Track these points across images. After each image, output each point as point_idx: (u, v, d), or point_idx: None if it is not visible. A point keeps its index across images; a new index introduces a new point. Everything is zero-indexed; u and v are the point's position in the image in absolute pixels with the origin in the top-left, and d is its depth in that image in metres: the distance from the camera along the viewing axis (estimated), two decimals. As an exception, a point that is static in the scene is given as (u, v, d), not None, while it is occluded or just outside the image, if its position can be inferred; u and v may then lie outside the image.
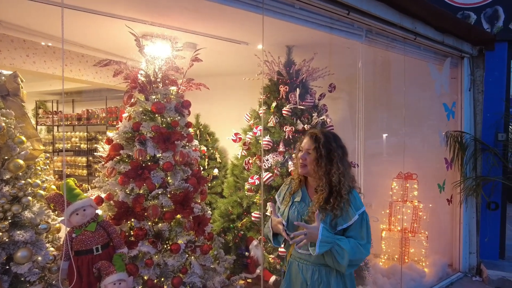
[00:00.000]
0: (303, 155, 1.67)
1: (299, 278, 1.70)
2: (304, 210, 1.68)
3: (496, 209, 4.31)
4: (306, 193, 1.74)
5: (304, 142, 1.71)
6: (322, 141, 1.65)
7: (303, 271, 1.69)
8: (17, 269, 1.77)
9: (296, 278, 1.72)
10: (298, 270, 1.71)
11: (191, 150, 2.65)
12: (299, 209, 1.69)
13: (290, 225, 1.68)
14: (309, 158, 1.66)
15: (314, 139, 1.66)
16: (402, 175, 4.26)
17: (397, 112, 4.12)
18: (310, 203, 1.68)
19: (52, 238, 2.11)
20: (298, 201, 1.72)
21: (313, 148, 1.65)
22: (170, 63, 2.57)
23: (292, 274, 1.75)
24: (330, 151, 1.63)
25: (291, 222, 1.68)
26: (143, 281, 2.30)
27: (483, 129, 4.34)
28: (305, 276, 1.68)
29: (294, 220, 1.66)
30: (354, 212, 1.62)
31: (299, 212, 1.68)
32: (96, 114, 6.18)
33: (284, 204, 1.76)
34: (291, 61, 3.46)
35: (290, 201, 1.74)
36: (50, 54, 3.66)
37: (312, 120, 3.30)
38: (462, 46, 4.12)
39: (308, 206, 1.68)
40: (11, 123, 1.94)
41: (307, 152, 1.67)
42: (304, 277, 1.68)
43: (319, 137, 1.67)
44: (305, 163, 1.67)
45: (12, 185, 1.87)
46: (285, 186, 1.85)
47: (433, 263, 4.17)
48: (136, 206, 2.30)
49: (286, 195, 1.79)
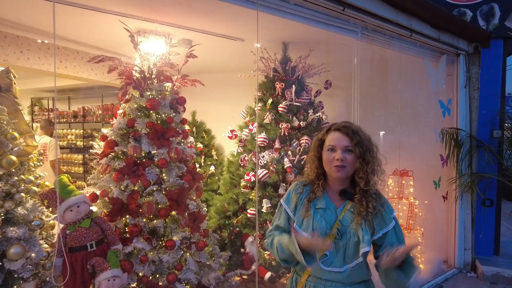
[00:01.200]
0: (342, 154, 1.36)
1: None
2: (332, 219, 1.40)
3: (491, 205, 4.33)
4: (329, 198, 1.45)
5: (335, 139, 1.40)
6: (360, 133, 1.40)
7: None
8: (10, 266, 1.76)
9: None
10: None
11: (186, 147, 2.65)
12: (326, 218, 1.40)
13: None
14: (350, 157, 1.37)
15: (352, 134, 1.38)
16: (397, 172, 4.27)
17: (393, 109, 4.13)
18: (337, 210, 1.42)
19: (46, 235, 2.09)
20: (323, 208, 1.42)
21: (354, 144, 1.37)
22: (165, 59, 2.55)
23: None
24: (370, 146, 1.41)
25: None
26: (138, 278, 2.29)
27: (479, 126, 4.36)
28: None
29: (322, 232, 1.37)
30: (389, 216, 1.41)
31: (327, 222, 1.39)
32: (92, 112, 6.17)
33: (302, 213, 1.43)
34: (287, 57, 3.46)
35: (311, 209, 1.42)
36: (45, 50, 3.64)
37: (308, 117, 3.31)
38: (457, 43, 4.13)
39: (335, 215, 1.41)
40: (4, 119, 1.92)
41: (346, 150, 1.38)
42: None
43: (355, 129, 1.40)
44: (344, 165, 1.36)
45: (5, 181, 1.86)
46: (295, 192, 1.50)
47: (429, 259, 4.19)
48: (131, 203, 2.30)
49: (303, 202, 1.46)
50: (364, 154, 1.37)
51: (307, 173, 1.52)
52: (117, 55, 2.48)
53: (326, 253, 1.37)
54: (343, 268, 1.37)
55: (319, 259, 1.36)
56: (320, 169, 1.46)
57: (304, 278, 1.44)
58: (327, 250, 1.36)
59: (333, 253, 1.38)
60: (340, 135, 1.40)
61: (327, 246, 1.29)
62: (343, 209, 1.42)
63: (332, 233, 1.37)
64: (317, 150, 1.46)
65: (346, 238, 1.37)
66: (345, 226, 1.38)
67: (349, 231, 1.37)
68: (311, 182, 1.49)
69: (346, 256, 1.37)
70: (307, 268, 1.41)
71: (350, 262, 1.36)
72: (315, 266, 1.36)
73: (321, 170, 1.46)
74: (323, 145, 1.45)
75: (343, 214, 1.40)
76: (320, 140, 1.46)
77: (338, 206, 1.43)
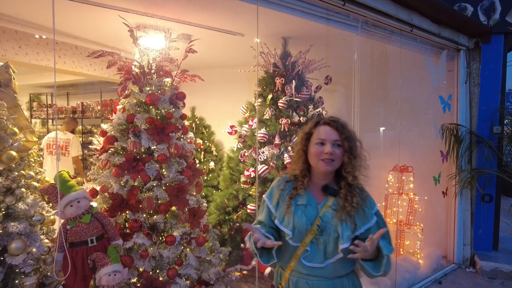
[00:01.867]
0: (331, 147, 1.36)
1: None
2: (313, 215, 1.39)
3: (490, 201, 4.35)
4: (310, 194, 1.44)
5: (323, 132, 1.39)
6: (348, 128, 1.41)
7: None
8: (11, 261, 1.76)
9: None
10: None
11: (186, 142, 2.64)
12: (306, 214, 1.39)
13: (296, 234, 1.38)
14: (339, 151, 1.37)
15: (341, 128, 1.39)
16: (398, 168, 4.28)
17: (393, 104, 4.12)
18: (318, 206, 1.41)
19: (47, 230, 2.10)
20: (304, 205, 1.41)
21: (343, 138, 1.38)
22: (165, 54, 2.54)
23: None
24: (356, 141, 1.42)
25: (298, 230, 1.38)
26: (138, 273, 2.30)
27: (479, 122, 4.36)
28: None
29: (302, 228, 1.37)
30: (371, 212, 1.40)
31: (308, 218, 1.38)
32: (91, 107, 6.15)
33: (283, 210, 1.42)
34: (287, 53, 3.44)
35: (292, 206, 1.42)
36: (43, 45, 3.63)
37: (308, 112, 3.30)
38: (458, 38, 4.11)
39: (316, 210, 1.39)
40: (3, 114, 1.92)
41: (335, 144, 1.38)
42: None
43: (344, 124, 1.41)
44: (333, 158, 1.36)
45: (5, 176, 1.86)
46: (277, 188, 1.49)
47: (428, 255, 4.21)
48: (131, 198, 2.30)
49: (284, 199, 1.45)
50: (352, 149, 1.39)
51: (292, 168, 1.51)
52: (116, 50, 2.46)
53: (307, 248, 1.38)
54: (324, 263, 1.37)
55: (300, 255, 1.38)
56: (306, 163, 1.45)
57: (287, 273, 1.44)
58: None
59: (314, 248, 1.38)
60: (329, 129, 1.40)
61: (272, 245, 1.30)
62: (324, 205, 1.41)
63: (312, 229, 1.37)
64: (304, 143, 1.45)
65: (327, 234, 1.37)
66: (325, 222, 1.38)
67: (330, 227, 1.37)
68: (295, 179, 1.48)
69: (327, 252, 1.37)
70: (266, 264, 1.43)
71: (331, 257, 1.36)
72: (273, 264, 1.42)
73: (306, 164, 1.45)
74: (310, 139, 1.44)
75: (324, 210, 1.40)
76: (307, 133, 1.45)
77: (319, 202, 1.43)
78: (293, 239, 1.39)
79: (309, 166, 1.45)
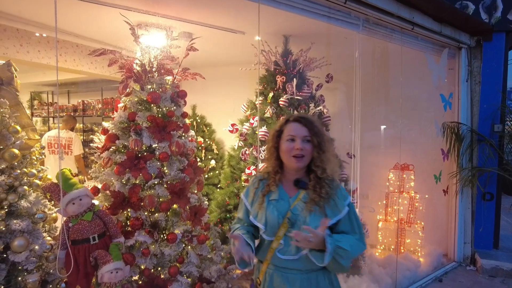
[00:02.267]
0: (301, 144, 1.41)
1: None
2: (285, 208, 1.43)
3: (491, 199, 4.35)
4: (283, 189, 1.48)
5: (293, 129, 1.44)
6: (316, 124, 1.45)
7: (290, 282, 1.42)
8: (14, 258, 1.77)
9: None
10: (283, 282, 1.43)
11: (187, 141, 2.65)
12: (278, 208, 1.44)
13: (269, 228, 1.43)
14: (308, 147, 1.42)
15: (310, 124, 1.44)
16: (399, 166, 4.28)
17: (394, 103, 4.12)
18: (290, 199, 1.45)
19: (49, 228, 2.11)
20: (276, 199, 1.46)
21: (312, 134, 1.42)
22: (166, 52, 2.54)
23: (276, 287, 1.46)
24: (324, 136, 1.46)
25: (270, 224, 1.43)
26: (140, 270, 2.31)
27: (480, 120, 4.36)
28: (293, 287, 1.43)
29: (274, 222, 1.42)
30: (342, 203, 1.43)
31: (280, 212, 1.43)
32: (92, 105, 6.16)
33: (257, 207, 1.48)
34: (288, 51, 3.44)
35: (265, 201, 1.47)
36: (44, 43, 3.63)
37: (309, 110, 3.30)
38: (459, 36, 4.11)
39: (288, 204, 1.44)
40: (6, 113, 1.92)
41: (305, 140, 1.42)
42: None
43: (312, 120, 1.46)
44: (303, 154, 1.41)
45: (8, 174, 1.87)
46: (252, 187, 1.56)
47: (429, 253, 4.22)
48: (132, 196, 2.31)
49: (258, 196, 1.50)
50: (321, 144, 1.43)
51: (265, 166, 1.57)
52: (117, 48, 2.47)
53: (281, 242, 1.42)
54: (297, 255, 1.41)
55: (275, 248, 1.43)
56: (278, 160, 1.50)
57: (264, 266, 1.49)
58: None
59: (287, 241, 1.41)
60: (298, 125, 1.44)
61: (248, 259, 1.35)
62: (296, 198, 1.45)
63: (284, 222, 1.42)
64: (275, 140, 1.50)
65: (298, 226, 1.40)
66: (296, 215, 1.42)
67: (300, 219, 1.41)
68: (268, 176, 1.53)
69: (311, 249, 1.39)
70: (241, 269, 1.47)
71: (304, 249, 1.39)
72: (249, 268, 1.45)
73: (278, 161, 1.50)
74: (281, 136, 1.48)
75: (295, 204, 1.44)
76: (278, 131, 1.50)
77: (291, 195, 1.47)
78: (266, 233, 1.45)
79: (281, 163, 1.50)
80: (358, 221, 1.47)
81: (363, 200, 3.83)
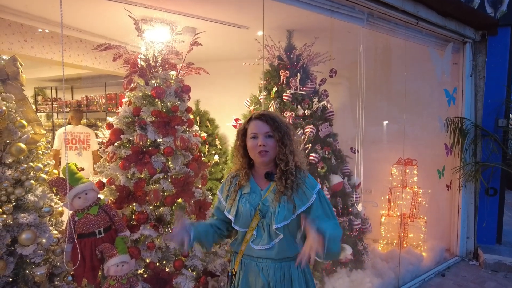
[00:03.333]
0: (264, 140, 1.47)
1: (260, 280, 1.50)
2: (256, 201, 1.51)
3: (495, 195, 4.34)
4: (255, 183, 1.56)
5: (255, 127, 1.51)
6: (278, 120, 1.52)
7: (264, 271, 1.50)
8: (22, 251, 1.80)
9: (256, 281, 1.51)
10: (258, 271, 1.50)
11: (191, 135, 2.65)
12: (250, 201, 1.52)
13: (241, 220, 1.51)
14: (271, 142, 1.48)
15: (271, 120, 1.50)
16: (402, 161, 4.28)
17: (398, 98, 4.11)
18: (261, 192, 1.53)
19: (55, 222, 2.13)
20: (248, 193, 1.54)
21: (273, 130, 1.48)
22: (170, 47, 2.54)
23: (250, 276, 1.53)
24: (287, 130, 1.52)
25: (243, 216, 1.51)
26: (145, 264, 2.33)
27: (484, 115, 4.34)
28: (266, 276, 1.49)
29: (246, 214, 1.49)
30: (310, 191, 1.49)
31: (252, 204, 1.51)
32: (96, 101, 6.16)
33: (230, 202, 1.57)
34: (292, 45, 3.43)
35: (237, 196, 1.55)
36: (49, 39, 3.63)
37: (312, 105, 3.30)
38: (464, 31, 4.08)
39: (260, 197, 1.52)
40: (12, 107, 1.94)
41: (267, 136, 1.48)
42: (265, 278, 1.49)
43: (273, 117, 1.52)
44: (266, 150, 1.47)
45: (15, 168, 1.89)
46: (226, 184, 1.64)
47: (431, 247, 4.23)
48: (138, 190, 2.32)
49: (231, 192, 1.59)
50: (283, 138, 1.49)
51: (235, 163, 1.65)
52: (121, 43, 2.47)
53: (254, 232, 1.51)
54: (270, 244, 1.48)
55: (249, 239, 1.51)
56: (245, 157, 1.58)
57: (239, 257, 1.57)
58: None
59: (260, 232, 1.50)
60: (260, 122, 1.51)
61: None
62: (267, 190, 1.53)
63: (256, 214, 1.49)
64: (241, 139, 1.57)
65: (268, 216, 1.48)
66: (266, 206, 1.50)
67: (270, 209, 1.48)
68: (239, 173, 1.61)
69: (271, 233, 1.47)
70: None
71: (275, 238, 1.47)
72: (183, 250, 1.54)
73: (246, 158, 1.58)
74: (246, 134, 1.55)
75: (266, 195, 1.52)
76: (242, 130, 1.57)
77: (263, 188, 1.55)
78: (239, 225, 1.53)
79: (249, 159, 1.58)
80: (331, 206, 1.54)
81: (366, 195, 3.83)
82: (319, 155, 3.19)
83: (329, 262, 3.10)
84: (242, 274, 1.55)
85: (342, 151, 3.51)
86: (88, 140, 4.48)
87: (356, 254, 3.33)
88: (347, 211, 3.33)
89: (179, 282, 2.31)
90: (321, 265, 3.08)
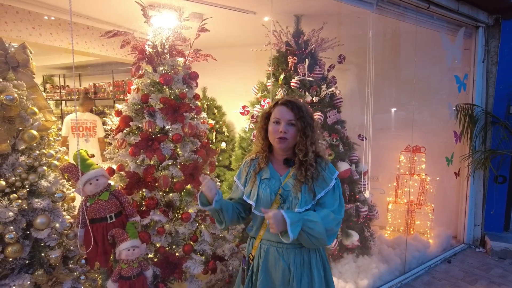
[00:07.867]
0: (285, 127, 1.48)
1: (280, 265, 1.52)
2: (276, 187, 1.53)
3: (504, 182, 4.31)
4: (273, 169, 1.58)
5: (279, 112, 1.51)
6: (303, 109, 1.51)
7: (284, 255, 1.52)
8: (37, 235, 1.85)
9: (276, 266, 1.53)
10: (278, 256, 1.52)
11: (199, 122, 2.66)
12: (270, 186, 1.54)
13: (261, 204, 1.53)
14: (292, 130, 1.49)
15: (296, 109, 1.50)
16: (410, 148, 4.25)
17: (407, 84, 4.05)
18: (281, 178, 1.55)
19: (68, 207, 2.18)
20: (268, 178, 1.56)
21: (296, 118, 1.49)
22: (177, 33, 2.53)
23: (270, 261, 1.55)
24: (311, 121, 1.52)
25: (263, 201, 1.53)
26: (155, 248, 2.39)
27: (495, 102, 4.26)
28: (287, 261, 1.52)
29: (266, 199, 1.51)
30: (330, 177, 1.52)
31: (272, 189, 1.53)
32: (103, 88, 6.19)
33: (250, 185, 1.59)
34: (300, 31, 3.38)
35: (257, 180, 1.57)
36: (56, 26, 3.63)
37: (320, 92, 3.27)
38: (477, 15, 3.97)
39: (279, 182, 1.54)
40: (23, 95, 1.96)
41: (290, 123, 1.49)
42: (286, 263, 1.51)
43: (299, 105, 1.51)
44: (286, 136, 1.48)
45: (28, 155, 1.92)
46: (245, 167, 1.66)
47: (438, 234, 4.24)
48: (147, 177, 2.35)
49: (251, 175, 1.61)
50: (305, 129, 1.49)
51: (255, 145, 1.67)
52: (128, 30, 2.46)
53: None
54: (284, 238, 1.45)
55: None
56: (266, 139, 1.59)
57: (257, 242, 1.59)
58: None
59: None
60: (285, 109, 1.51)
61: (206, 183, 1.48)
62: (286, 176, 1.55)
63: (277, 199, 1.51)
64: (264, 122, 1.59)
65: (289, 201, 1.49)
66: (287, 191, 1.51)
67: (291, 195, 1.50)
68: (258, 155, 1.63)
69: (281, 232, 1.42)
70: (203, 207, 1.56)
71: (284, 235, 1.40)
72: (209, 208, 1.53)
73: (266, 141, 1.59)
74: (269, 118, 1.56)
75: (286, 181, 1.54)
76: (267, 113, 1.58)
77: (282, 174, 1.57)
78: (257, 209, 1.53)
79: (269, 143, 1.59)
80: (340, 193, 1.54)
81: (374, 182, 3.83)
82: (327, 142, 3.18)
83: (335, 248, 3.13)
84: (262, 260, 1.56)
85: (350, 138, 3.50)
86: (94, 127, 4.54)
87: (362, 240, 3.36)
88: (354, 198, 3.34)
89: (188, 266, 2.37)
90: (328, 250, 3.11)
